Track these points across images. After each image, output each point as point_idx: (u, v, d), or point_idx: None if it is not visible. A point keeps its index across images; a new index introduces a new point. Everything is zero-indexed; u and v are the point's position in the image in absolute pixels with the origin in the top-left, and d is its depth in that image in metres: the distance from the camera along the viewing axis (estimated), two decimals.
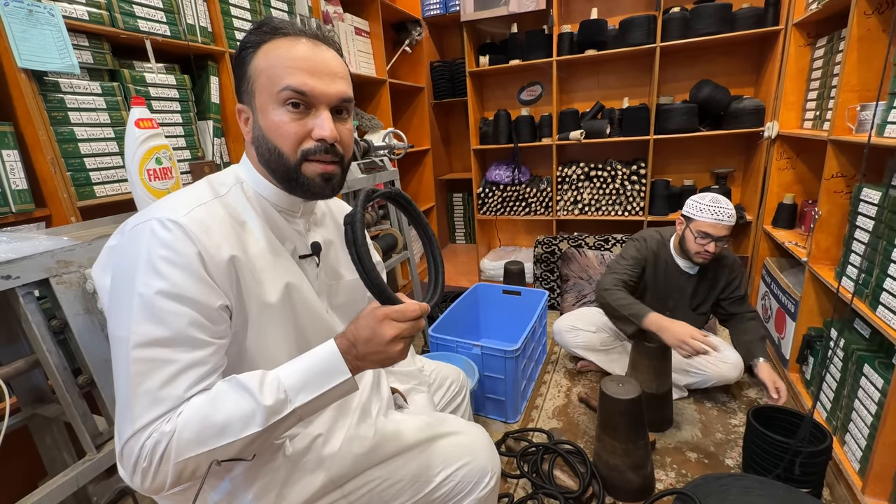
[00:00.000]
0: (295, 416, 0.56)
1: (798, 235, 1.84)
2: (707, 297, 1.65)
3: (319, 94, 0.61)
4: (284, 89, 0.59)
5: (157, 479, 0.53)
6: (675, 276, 1.65)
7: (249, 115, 0.65)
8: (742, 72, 2.37)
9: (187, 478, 0.55)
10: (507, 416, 1.63)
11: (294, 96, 0.60)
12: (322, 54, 0.63)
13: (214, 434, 0.53)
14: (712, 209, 1.46)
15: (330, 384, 0.57)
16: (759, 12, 2.08)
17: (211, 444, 0.53)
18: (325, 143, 0.62)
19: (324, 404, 0.59)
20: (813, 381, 1.51)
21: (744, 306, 1.63)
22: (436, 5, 2.94)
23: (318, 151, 0.62)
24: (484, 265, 2.97)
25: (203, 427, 0.53)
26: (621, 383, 1.28)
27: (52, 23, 1.07)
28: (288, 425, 0.57)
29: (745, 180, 2.46)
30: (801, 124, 1.86)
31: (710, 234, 1.47)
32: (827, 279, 1.39)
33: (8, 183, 1.03)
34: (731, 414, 1.58)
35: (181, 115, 1.43)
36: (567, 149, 2.77)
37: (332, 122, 0.62)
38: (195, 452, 0.53)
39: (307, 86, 0.60)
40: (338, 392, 0.59)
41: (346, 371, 0.58)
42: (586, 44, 2.39)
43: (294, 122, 0.61)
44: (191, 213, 0.57)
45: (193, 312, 0.55)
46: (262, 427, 0.54)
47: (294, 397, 0.56)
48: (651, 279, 1.68)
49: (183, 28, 1.41)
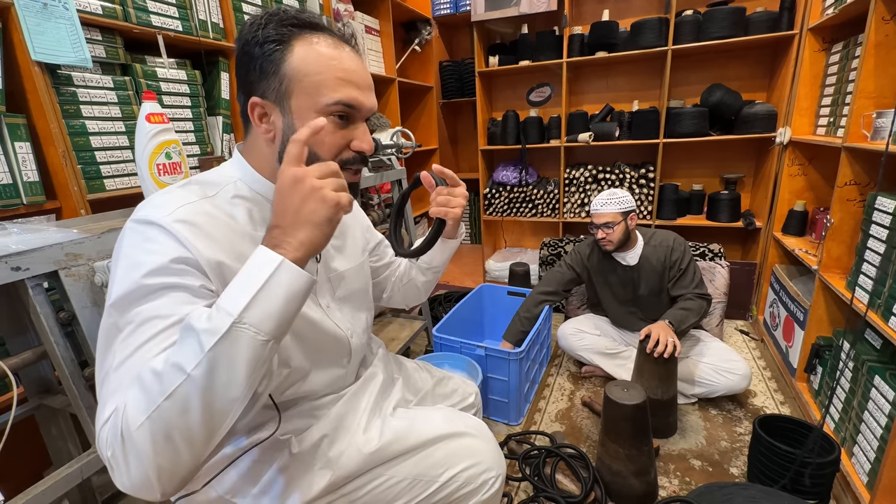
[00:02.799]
0: (245, 330, 0.46)
1: (808, 243, 1.82)
2: (660, 282, 1.69)
3: (365, 110, 0.62)
4: (337, 103, 0.59)
5: (133, 470, 0.45)
6: (617, 270, 1.74)
7: (270, 113, 0.61)
8: (754, 76, 2.34)
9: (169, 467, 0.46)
10: (509, 419, 1.62)
11: (345, 110, 0.60)
12: (364, 66, 0.63)
13: (158, 386, 0.45)
14: (594, 201, 1.66)
15: (262, 277, 0.47)
16: (773, 16, 2.06)
17: (157, 400, 0.44)
18: (363, 154, 0.63)
19: (279, 308, 0.48)
20: (821, 390, 1.49)
21: (687, 287, 1.64)
22: (446, 5, 2.94)
23: (356, 162, 0.64)
24: (489, 266, 2.97)
25: (148, 382, 0.45)
26: (626, 388, 1.27)
27: (67, 17, 1.08)
28: (250, 347, 0.47)
29: (756, 186, 2.44)
30: (815, 130, 1.84)
31: (595, 223, 1.65)
32: (838, 288, 1.37)
33: (20, 175, 1.04)
34: (736, 422, 1.57)
35: (191, 110, 1.44)
36: (575, 151, 2.75)
37: (370, 135, 0.63)
38: (144, 416, 0.44)
39: (358, 101, 0.60)
40: (281, 286, 0.48)
41: (273, 256, 0.48)
42: (597, 45, 2.38)
43: (337, 132, 0.61)
44: (175, 213, 0.55)
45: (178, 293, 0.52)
46: (204, 355, 0.45)
47: (232, 309, 0.47)
48: (599, 281, 1.80)
49: (195, 24, 1.41)
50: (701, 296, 1.63)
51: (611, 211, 1.60)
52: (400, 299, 1.00)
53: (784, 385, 1.75)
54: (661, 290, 1.70)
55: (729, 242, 2.54)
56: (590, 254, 1.80)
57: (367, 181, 1.74)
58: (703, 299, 1.62)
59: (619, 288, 1.75)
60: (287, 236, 0.50)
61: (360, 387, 0.80)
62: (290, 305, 0.49)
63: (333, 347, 0.75)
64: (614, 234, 1.62)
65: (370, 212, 1.82)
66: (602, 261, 1.76)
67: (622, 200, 1.62)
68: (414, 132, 3.10)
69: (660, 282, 1.68)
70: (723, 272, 2.06)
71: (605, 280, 1.78)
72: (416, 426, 0.77)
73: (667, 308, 1.68)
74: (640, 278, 1.70)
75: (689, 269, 1.65)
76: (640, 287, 1.71)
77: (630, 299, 1.75)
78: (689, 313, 1.56)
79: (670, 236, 1.69)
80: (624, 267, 1.72)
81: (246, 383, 0.48)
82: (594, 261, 1.79)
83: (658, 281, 1.68)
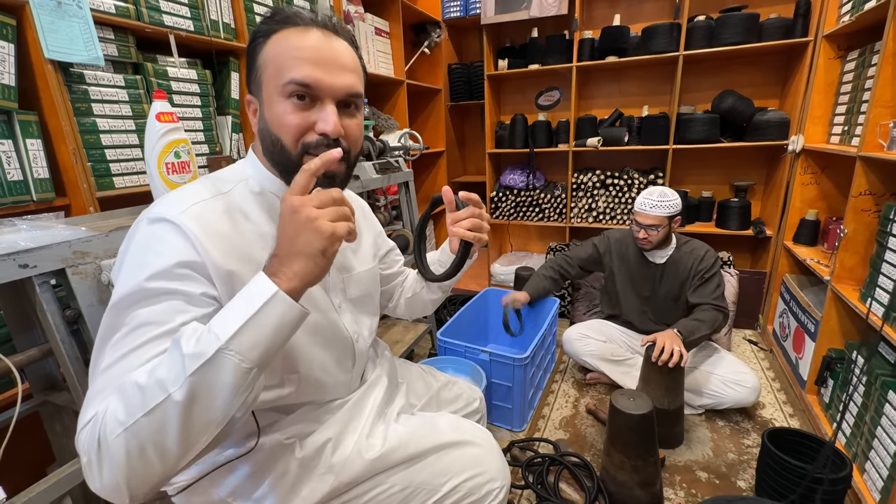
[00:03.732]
0: (231, 357, 0.46)
1: (820, 253, 1.79)
2: (680, 289, 1.67)
3: (325, 87, 0.59)
4: (290, 82, 0.57)
5: (105, 476, 0.46)
6: (643, 265, 1.73)
7: (258, 107, 0.63)
8: (767, 83, 2.31)
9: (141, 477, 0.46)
10: (513, 425, 1.61)
11: (299, 89, 0.58)
12: (332, 45, 0.60)
13: (139, 400, 0.45)
14: (641, 200, 1.60)
15: (255, 306, 0.48)
16: (787, 23, 2.03)
17: (136, 414, 0.45)
18: (328, 137, 0.59)
19: (267, 338, 0.48)
20: (832, 404, 1.46)
21: (706, 296, 1.60)
22: (456, 7, 2.94)
23: (320, 146, 0.60)
24: (495, 270, 2.95)
25: (129, 394, 0.46)
26: (632, 398, 1.26)
27: (80, 15, 1.08)
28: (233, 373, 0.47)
29: (766, 194, 2.40)
30: (828, 139, 1.81)
31: (640, 223, 1.61)
32: (851, 300, 1.34)
33: (30, 171, 1.04)
34: (744, 434, 1.54)
35: (201, 109, 1.44)
36: (583, 155, 2.73)
37: (336, 116, 0.60)
38: (122, 428, 0.45)
39: (312, 77, 0.58)
40: (272, 316, 0.48)
41: (269, 285, 0.48)
42: (607, 50, 2.36)
43: (296, 113, 0.59)
44: (188, 210, 0.55)
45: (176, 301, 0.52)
46: (186, 378, 0.45)
47: (222, 333, 0.47)
48: (621, 269, 1.77)
49: (206, 24, 1.42)
50: (718, 308, 1.58)
51: (658, 214, 1.56)
52: (405, 311, 0.99)
53: (793, 397, 1.72)
54: (679, 297, 1.68)
55: (738, 251, 2.50)
56: (620, 239, 1.78)
57: (374, 183, 1.73)
58: (718, 311, 1.57)
59: (639, 282, 1.74)
60: (283, 266, 0.50)
61: (364, 391, 0.80)
62: (278, 336, 0.50)
63: (339, 348, 0.74)
64: (657, 236, 1.60)
65: (375, 213, 1.82)
66: (629, 251, 1.75)
67: (671, 204, 1.55)
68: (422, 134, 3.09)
69: (680, 288, 1.67)
70: (732, 280, 2.03)
71: (627, 270, 1.76)
72: (419, 433, 0.76)
73: (680, 318, 1.65)
74: (662, 279, 1.68)
75: (712, 279, 1.61)
76: (660, 287, 1.69)
77: (646, 297, 1.73)
78: (701, 324, 1.52)
79: (704, 247, 1.66)
80: (649, 263, 1.70)
81: (225, 408, 0.48)
82: (622, 248, 1.77)
83: (678, 287, 1.67)
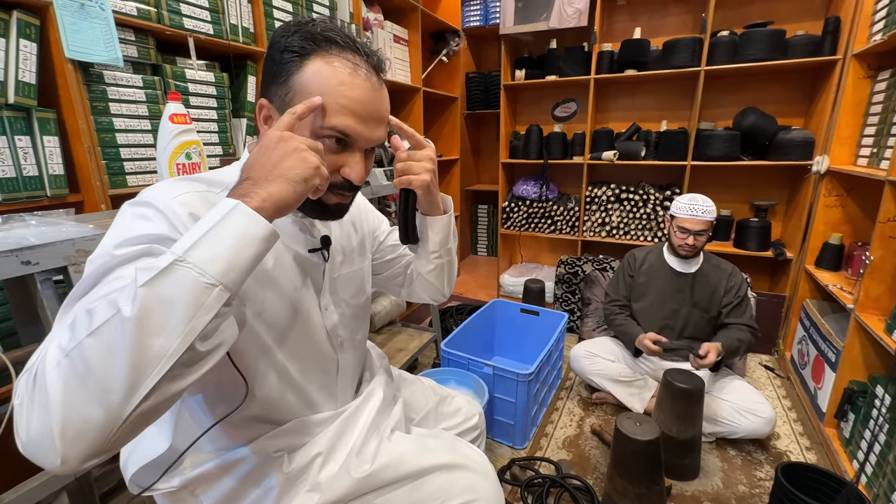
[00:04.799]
0: (188, 269, 0.41)
1: (844, 279, 1.72)
2: (710, 300, 1.65)
3: (363, 140, 0.60)
4: (332, 129, 0.57)
5: (35, 421, 0.38)
6: (671, 276, 1.71)
7: (274, 118, 0.61)
8: (791, 101, 2.25)
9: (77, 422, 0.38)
10: (514, 442, 1.57)
11: (337, 135, 0.58)
12: (378, 97, 0.60)
13: (85, 322, 0.40)
14: (689, 206, 1.59)
15: (214, 219, 0.44)
16: (815, 40, 1.98)
17: (80, 335, 0.39)
18: (352, 182, 0.61)
19: (228, 249, 0.44)
20: (852, 439, 1.38)
21: (742, 317, 1.63)
22: (476, 17, 2.95)
23: (343, 188, 0.61)
24: (504, 280, 2.92)
25: (77, 320, 0.41)
26: (639, 422, 1.21)
27: (102, 17, 1.11)
28: (191, 288, 0.41)
29: (788, 215, 2.33)
30: (855, 161, 1.74)
31: (688, 229, 1.59)
32: (876, 331, 1.28)
33: (46, 168, 1.06)
34: (756, 465, 1.47)
35: (217, 111, 1.46)
36: (598, 169, 2.69)
37: (363, 166, 0.61)
38: (63, 354, 0.39)
39: (355, 131, 0.58)
40: (233, 227, 0.44)
41: (229, 201, 0.46)
42: (627, 63, 2.33)
43: (330, 156, 0.58)
44: (178, 197, 0.54)
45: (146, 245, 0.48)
46: (136, 289, 0.39)
47: (177, 248, 0.43)
48: (647, 283, 1.75)
49: (226, 28, 1.44)
50: (753, 330, 1.61)
51: (709, 219, 1.58)
52: (421, 293, 0.90)
53: (811, 429, 1.64)
54: (709, 310, 1.66)
55: (756, 272, 2.42)
56: (645, 256, 1.78)
57: (384, 189, 1.73)
58: (753, 335, 1.61)
59: (669, 295, 1.70)
60: (256, 187, 0.47)
61: (359, 405, 0.78)
62: (242, 251, 0.44)
63: (321, 353, 0.72)
64: (703, 241, 1.61)
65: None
66: (658, 266, 1.74)
67: (714, 209, 1.60)
68: (436, 142, 3.10)
69: (710, 299, 1.65)
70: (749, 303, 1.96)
71: (656, 285, 1.73)
72: (412, 453, 0.73)
73: (706, 332, 1.67)
74: (693, 288, 1.67)
75: (746, 299, 1.65)
76: (691, 297, 1.67)
77: (674, 310, 1.69)
78: (741, 345, 1.56)
79: (729, 265, 1.70)
80: (679, 273, 1.69)
81: (183, 331, 0.40)
82: (650, 265, 1.76)
83: (709, 297, 1.65)
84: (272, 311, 0.64)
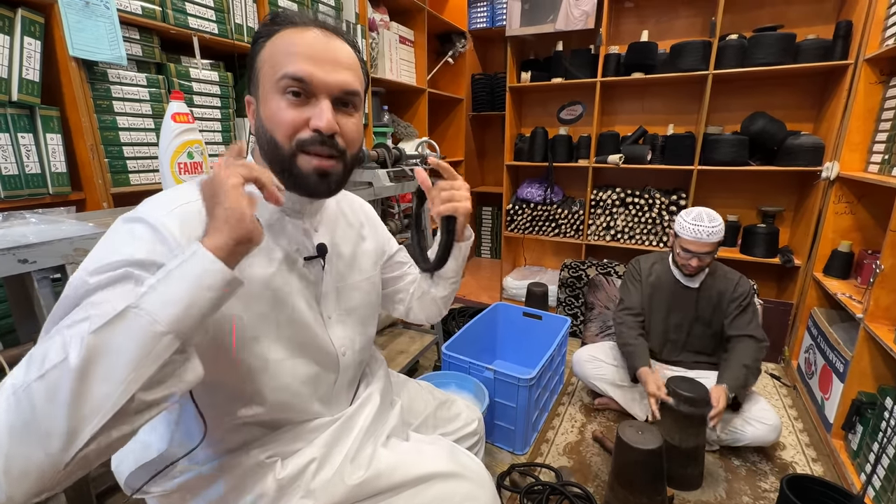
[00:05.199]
0: (140, 315, 0.41)
1: (853, 288, 1.69)
2: (713, 313, 1.60)
3: (320, 83, 0.58)
4: (283, 76, 0.57)
5: None
6: (676, 289, 1.65)
7: (256, 106, 0.63)
8: (801, 106, 2.22)
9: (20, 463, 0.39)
10: (514, 447, 1.55)
11: (293, 84, 0.57)
12: (329, 42, 0.60)
13: (38, 364, 0.40)
14: (693, 227, 1.49)
15: (173, 264, 0.44)
16: (825, 44, 1.95)
17: (30, 377, 0.39)
18: (322, 134, 0.58)
19: (182, 294, 0.43)
20: (860, 451, 1.36)
21: (747, 327, 1.54)
22: (482, 19, 2.94)
23: (314, 143, 0.59)
24: (507, 283, 2.90)
25: (33, 359, 0.41)
26: (641, 430, 1.19)
27: (107, 15, 1.11)
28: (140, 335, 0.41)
29: (796, 221, 2.29)
30: (866, 167, 1.71)
31: (691, 251, 1.51)
32: (886, 341, 1.25)
33: (48, 165, 1.07)
34: (761, 476, 1.45)
35: (220, 111, 1.46)
36: (604, 172, 2.67)
37: (331, 113, 0.58)
38: (10, 392, 0.39)
39: (306, 72, 0.57)
40: (189, 272, 0.44)
41: (193, 246, 0.46)
42: (634, 66, 2.31)
43: (290, 109, 0.58)
44: (174, 212, 0.54)
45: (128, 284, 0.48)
46: (84, 338, 0.39)
47: (139, 289, 0.43)
48: (652, 296, 1.69)
49: (231, 27, 1.44)
50: (758, 340, 1.52)
51: (716, 241, 1.48)
52: (419, 312, 0.92)
53: (817, 440, 1.61)
54: (713, 323, 1.62)
55: (763, 279, 2.39)
56: (651, 266, 1.72)
57: (387, 190, 1.72)
58: (760, 347, 1.51)
59: (674, 308, 1.66)
60: (211, 235, 0.47)
61: (355, 410, 0.76)
62: (197, 295, 0.43)
63: (321, 363, 0.71)
64: (709, 261, 1.54)
65: (388, 221, 1.81)
66: (663, 277, 1.69)
67: (722, 228, 1.50)
68: (441, 143, 3.09)
69: (713, 312, 1.61)
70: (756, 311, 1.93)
71: (661, 297, 1.68)
72: (407, 460, 0.72)
73: (710, 347, 1.62)
74: (698, 302, 1.62)
75: (750, 307, 1.57)
76: (696, 311, 1.62)
77: (678, 324, 1.66)
78: (748, 371, 1.45)
79: (736, 273, 1.62)
80: (684, 287, 1.64)
81: (127, 378, 0.40)
82: (655, 276, 1.71)
83: (711, 310, 1.61)
84: (271, 319, 0.63)
